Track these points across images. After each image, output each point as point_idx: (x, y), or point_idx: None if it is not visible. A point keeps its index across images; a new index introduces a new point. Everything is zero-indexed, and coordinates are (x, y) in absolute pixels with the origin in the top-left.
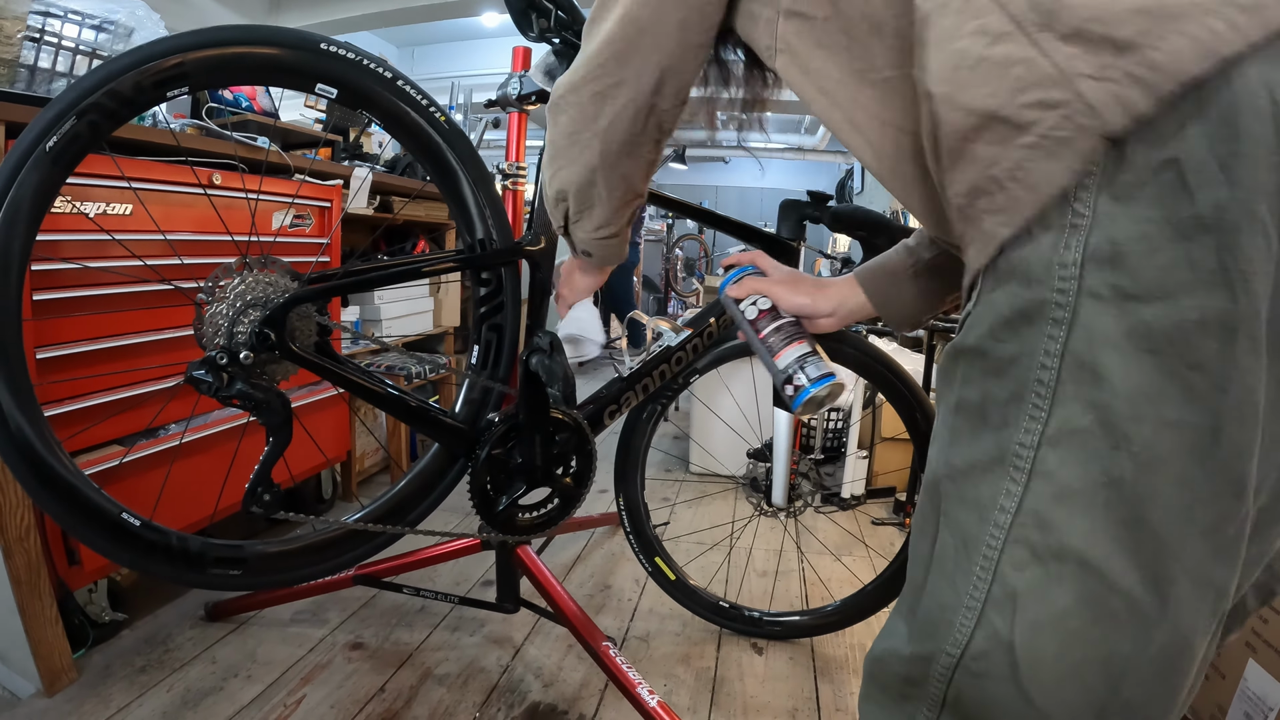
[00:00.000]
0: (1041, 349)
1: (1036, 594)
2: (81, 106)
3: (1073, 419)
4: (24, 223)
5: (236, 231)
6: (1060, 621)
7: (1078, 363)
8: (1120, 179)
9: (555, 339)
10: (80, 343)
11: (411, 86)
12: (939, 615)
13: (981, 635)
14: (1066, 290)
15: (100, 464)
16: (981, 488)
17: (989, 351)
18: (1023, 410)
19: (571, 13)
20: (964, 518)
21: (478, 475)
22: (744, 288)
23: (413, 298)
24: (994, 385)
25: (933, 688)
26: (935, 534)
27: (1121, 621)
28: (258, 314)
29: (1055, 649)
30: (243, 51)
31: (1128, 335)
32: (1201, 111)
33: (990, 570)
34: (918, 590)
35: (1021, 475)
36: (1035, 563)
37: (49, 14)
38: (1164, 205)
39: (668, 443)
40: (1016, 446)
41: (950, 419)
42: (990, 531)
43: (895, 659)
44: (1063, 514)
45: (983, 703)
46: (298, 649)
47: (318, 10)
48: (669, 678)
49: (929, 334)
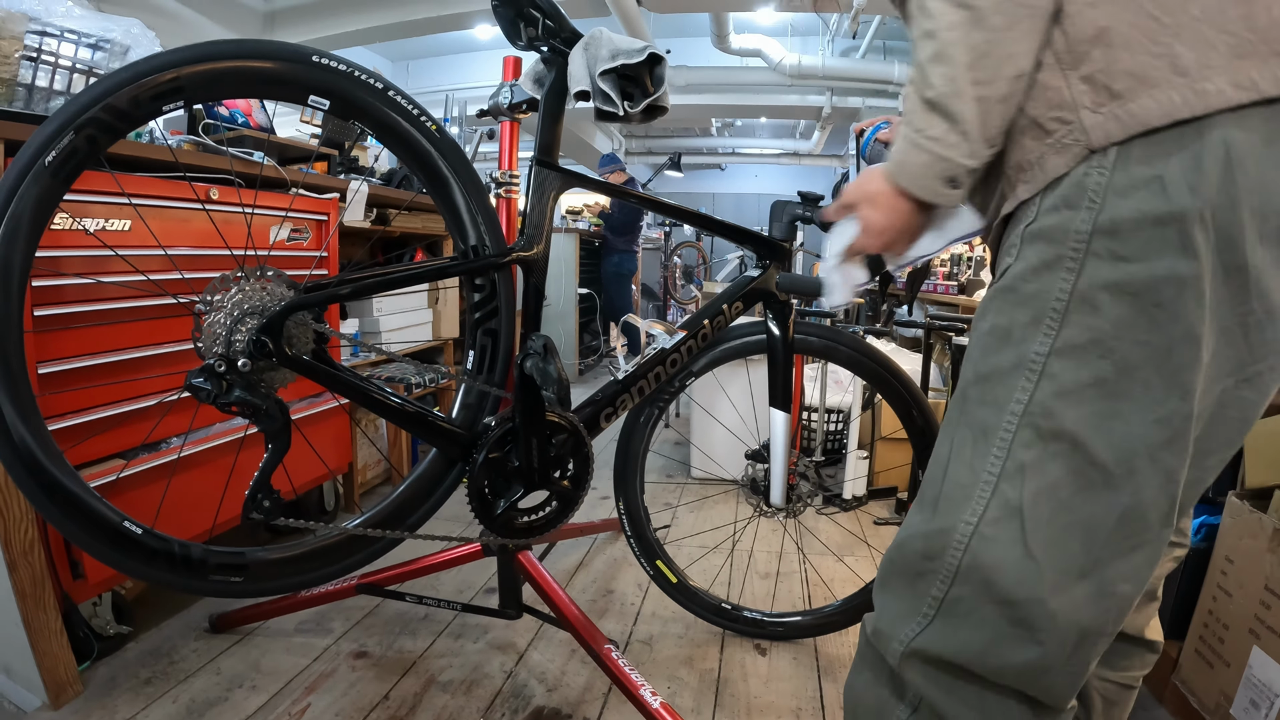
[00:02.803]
0: (1057, 288)
1: (1038, 466)
2: (79, 121)
3: (1074, 337)
4: (24, 236)
5: (235, 246)
6: (1054, 490)
7: (1081, 298)
8: (1123, 182)
9: (549, 342)
10: (82, 357)
11: (402, 97)
12: (957, 494)
13: (996, 504)
14: (1079, 249)
15: (103, 477)
16: (999, 388)
17: (1018, 288)
18: (1039, 330)
19: (558, 20)
20: (983, 413)
21: (475, 479)
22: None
23: (411, 309)
24: (1019, 312)
25: (949, 557)
26: (954, 435)
27: (1097, 489)
28: (255, 322)
29: (1049, 512)
30: (237, 65)
31: (1117, 282)
32: (1182, 149)
33: (1005, 449)
34: (937, 484)
35: (1034, 376)
36: (1039, 442)
37: (46, 33)
38: (1150, 202)
39: (669, 448)
40: (1032, 355)
41: (982, 340)
42: (1006, 420)
43: (916, 538)
44: (1061, 405)
45: (993, 564)
46: (302, 658)
47: (312, 26)
48: (672, 680)
49: (926, 333)
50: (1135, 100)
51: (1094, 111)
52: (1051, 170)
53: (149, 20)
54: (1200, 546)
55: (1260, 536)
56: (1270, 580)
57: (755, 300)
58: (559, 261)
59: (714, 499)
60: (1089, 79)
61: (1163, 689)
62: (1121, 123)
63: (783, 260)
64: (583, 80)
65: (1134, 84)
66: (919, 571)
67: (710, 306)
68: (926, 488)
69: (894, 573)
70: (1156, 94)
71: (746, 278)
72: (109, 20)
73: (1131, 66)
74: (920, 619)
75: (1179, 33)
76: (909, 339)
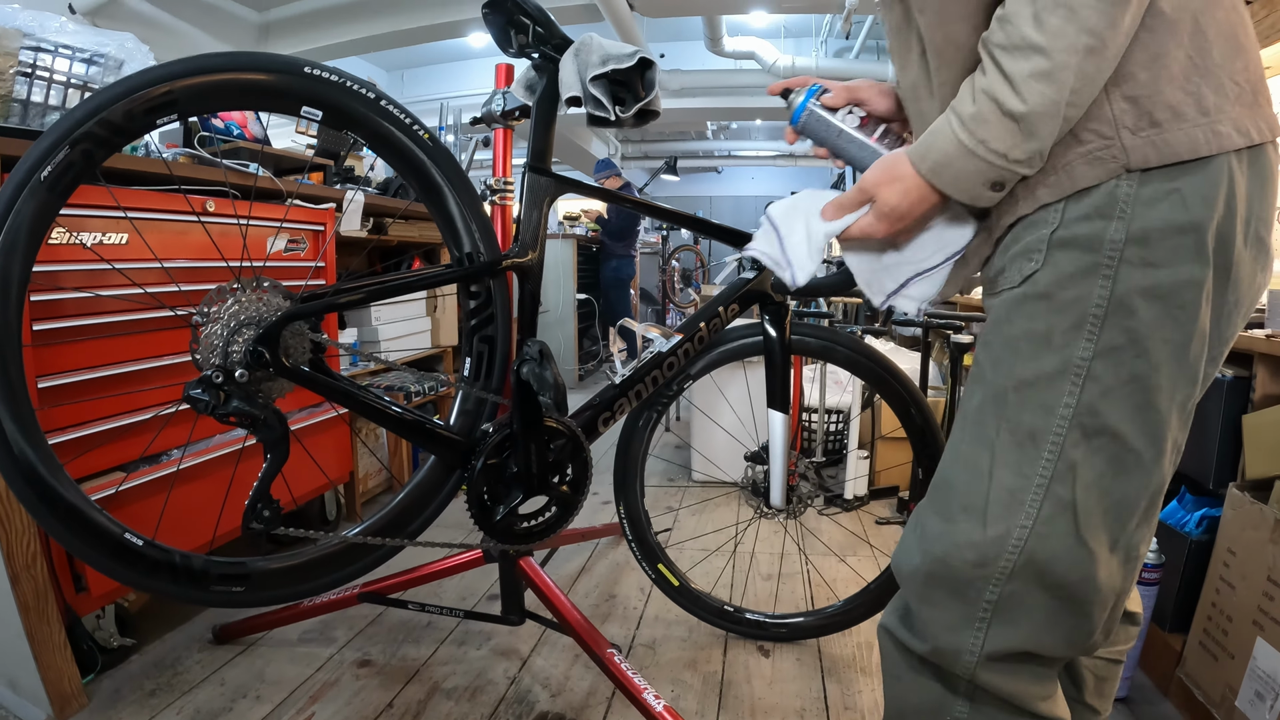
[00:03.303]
0: (1096, 294)
1: (1085, 462)
2: (75, 136)
3: (1113, 339)
4: (22, 250)
5: (231, 257)
6: (1099, 481)
7: (1118, 303)
8: (1149, 194)
9: (544, 347)
10: (81, 370)
11: (395, 106)
12: (1008, 499)
13: (1049, 504)
14: (1114, 257)
15: (104, 489)
16: (1047, 393)
17: (1055, 295)
18: (1080, 334)
19: (548, 27)
20: (1029, 418)
21: (474, 485)
22: (840, 97)
23: (410, 317)
24: (1058, 318)
25: (1003, 561)
26: (994, 441)
27: (1132, 472)
28: (252, 332)
29: (1096, 499)
30: (229, 77)
31: (1149, 287)
32: (1198, 171)
33: (1057, 451)
34: (980, 492)
35: (1080, 379)
36: (1085, 440)
37: (40, 49)
38: (1174, 213)
39: (670, 451)
40: (1077, 359)
41: (1016, 345)
42: (1056, 424)
43: (966, 549)
44: (1105, 404)
45: (1048, 558)
46: (306, 668)
47: (307, 37)
48: (676, 683)
49: (924, 332)
50: (1171, 133)
51: (1134, 134)
52: (1080, 179)
53: (144, 34)
54: (1202, 539)
55: (1262, 528)
56: (1273, 571)
57: (751, 302)
58: (557, 267)
59: (715, 501)
60: (1133, 100)
61: (1167, 683)
62: (1159, 151)
63: None
64: (574, 86)
65: (1171, 117)
66: (968, 580)
67: (706, 309)
68: (958, 494)
69: (935, 585)
70: (1187, 129)
71: (742, 280)
72: (103, 35)
73: (1171, 100)
74: (978, 624)
75: (1205, 76)
76: (908, 338)
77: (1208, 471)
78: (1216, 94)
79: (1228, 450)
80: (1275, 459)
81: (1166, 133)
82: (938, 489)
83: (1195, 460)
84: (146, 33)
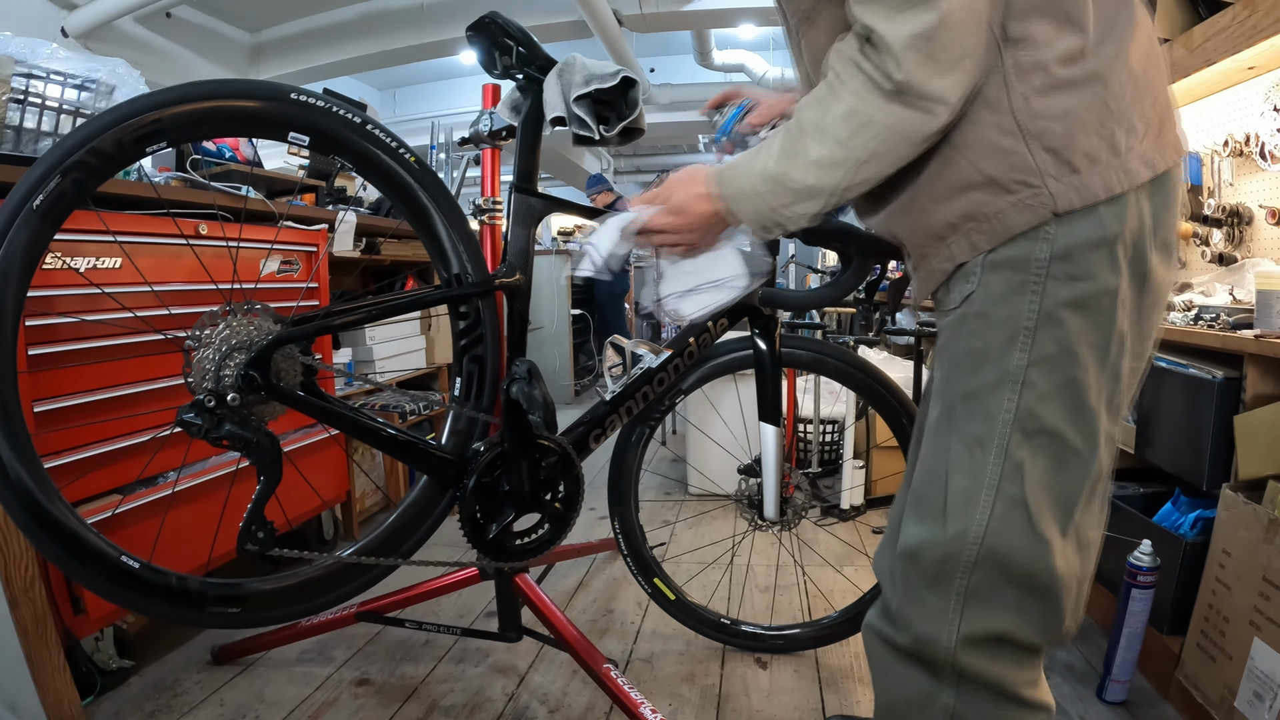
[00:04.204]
0: (1025, 309)
1: (1030, 461)
2: (66, 165)
3: (1045, 349)
4: (15, 278)
5: (224, 280)
6: (1044, 477)
7: (1046, 316)
8: (1070, 219)
9: (533, 366)
10: (76, 395)
11: (380, 130)
12: (964, 500)
13: (1002, 501)
14: (1040, 274)
15: (100, 512)
16: (989, 402)
17: (990, 313)
18: (1014, 347)
19: (531, 48)
20: (975, 427)
21: (467, 504)
22: (763, 115)
23: (404, 336)
24: (994, 334)
25: (966, 555)
26: (948, 449)
27: (1073, 466)
28: (243, 357)
29: (1044, 493)
30: (216, 105)
31: (1072, 299)
32: (1111, 202)
33: (1003, 454)
34: (938, 495)
35: (1017, 387)
36: (1026, 441)
37: (32, 75)
38: (1090, 231)
39: (666, 466)
40: (1014, 370)
41: (960, 361)
42: (1000, 429)
43: (932, 545)
44: (1042, 407)
45: (1006, 550)
46: (305, 688)
47: (298, 58)
48: (674, 697)
49: (916, 340)
50: (1088, 177)
51: (1058, 180)
52: (1014, 225)
53: (137, 57)
54: (1197, 541)
55: (1256, 527)
56: (1268, 571)
57: (740, 316)
58: (551, 283)
59: (711, 514)
60: (1052, 151)
61: (1167, 685)
62: (1080, 194)
63: None
64: (557, 106)
65: (1087, 163)
66: (937, 573)
67: (695, 324)
68: (924, 499)
69: (910, 579)
70: (1102, 171)
71: None
72: (94, 60)
73: (1086, 147)
74: (953, 611)
75: (1119, 118)
76: (902, 346)
77: (1201, 473)
78: (1128, 134)
79: (1220, 451)
80: (1267, 459)
81: (1085, 177)
82: (911, 496)
83: (1189, 462)
84: (139, 55)
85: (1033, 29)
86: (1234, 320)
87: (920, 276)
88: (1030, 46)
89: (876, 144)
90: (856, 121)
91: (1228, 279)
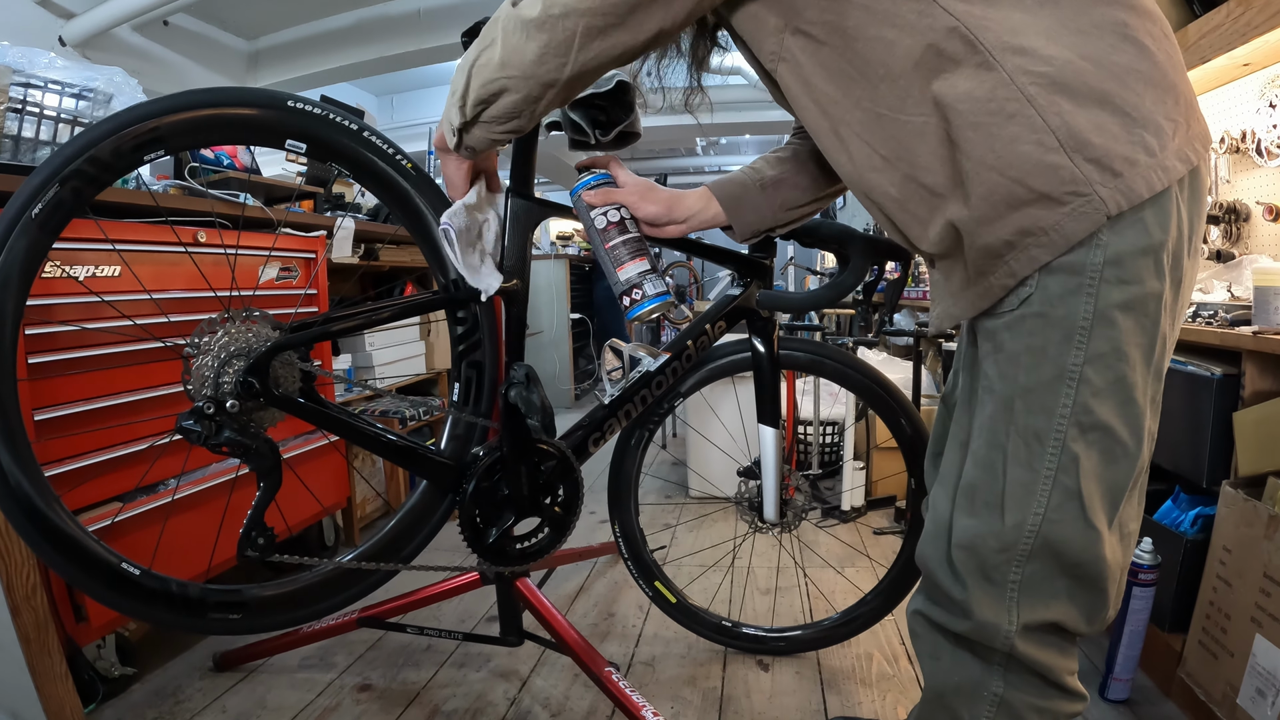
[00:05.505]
0: (1082, 310)
1: (1084, 454)
2: (64, 174)
3: (1099, 347)
4: (15, 287)
5: (223, 287)
6: (1096, 470)
7: (1100, 316)
8: (1120, 226)
9: (531, 370)
10: (77, 403)
11: (377, 136)
12: (1023, 492)
13: (1058, 493)
14: (1095, 278)
15: (101, 520)
16: (1047, 397)
17: (1048, 313)
18: (1071, 346)
19: None
20: (1034, 421)
21: (466, 508)
22: (600, 196)
23: (404, 342)
24: (1052, 332)
25: (1022, 545)
26: (1005, 444)
27: (1120, 462)
28: (242, 363)
29: (1095, 487)
30: (214, 113)
31: (1123, 301)
32: (1154, 205)
33: (1060, 447)
34: (995, 488)
35: (1074, 383)
36: (1081, 435)
37: (30, 85)
38: (1139, 238)
39: (666, 469)
40: (1070, 367)
41: (1015, 358)
42: (1057, 424)
43: (989, 537)
44: (1095, 402)
45: (1061, 540)
46: (307, 693)
47: (296, 65)
48: (676, 700)
49: (915, 341)
50: (1131, 179)
51: (1104, 185)
52: (1073, 234)
53: (134, 64)
54: (1198, 538)
55: (1256, 524)
56: (1269, 567)
57: (738, 319)
58: (551, 288)
59: (712, 517)
60: (1094, 160)
61: (1169, 683)
62: (1126, 196)
63: (764, 277)
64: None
65: (1127, 166)
66: (994, 564)
67: (693, 327)
68: (978, 492)
69: (971, 571)
70: (1142, 172)
71: (728, 296)
72: (92, 69)
73: (1123, 153)
74: (1010, 600)
75: (1145, 126)
76: (901, 347)
77: (1201, 470)
78: (1157, 136)
79: (1220, 448)
80: (1267, 455)
81: (1128, 180)
82: (963, 493)
83: (1188, 459)
84: (137, 63)
85: (1032, 41)
86: (1232, 317)
87: (976, 292)
88: (1033, 58)
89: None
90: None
91: (1225, 276)
